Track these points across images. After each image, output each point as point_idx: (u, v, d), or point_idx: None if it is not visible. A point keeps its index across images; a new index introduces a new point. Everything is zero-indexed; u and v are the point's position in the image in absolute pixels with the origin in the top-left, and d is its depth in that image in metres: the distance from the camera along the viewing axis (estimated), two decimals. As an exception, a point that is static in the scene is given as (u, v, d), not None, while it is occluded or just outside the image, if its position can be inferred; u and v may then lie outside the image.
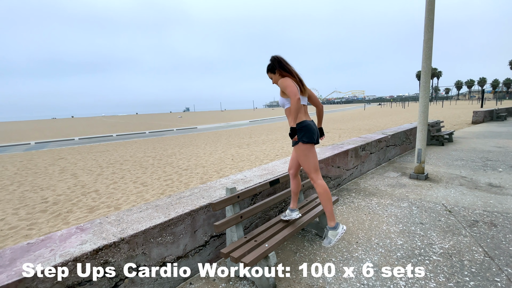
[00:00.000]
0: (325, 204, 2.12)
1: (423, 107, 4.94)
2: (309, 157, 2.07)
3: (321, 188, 2.10)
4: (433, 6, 4.61)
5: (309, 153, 2.07)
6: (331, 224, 2.17)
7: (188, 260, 2.32)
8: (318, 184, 2.10)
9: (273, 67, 2.15)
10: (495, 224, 3.06)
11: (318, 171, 2.13)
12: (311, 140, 2.05)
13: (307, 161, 2.08)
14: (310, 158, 2.08)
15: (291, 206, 2.55)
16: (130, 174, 8.24)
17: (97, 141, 20.29)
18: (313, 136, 2.06)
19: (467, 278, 2.18)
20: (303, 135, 2.06)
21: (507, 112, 17.58)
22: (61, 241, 1.88)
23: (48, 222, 4.78)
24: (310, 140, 2.04)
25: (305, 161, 2.09)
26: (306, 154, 2.06)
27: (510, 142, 8.30)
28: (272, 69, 2.16)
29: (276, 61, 2.14)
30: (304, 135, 2.05)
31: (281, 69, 2.13)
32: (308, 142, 2.05)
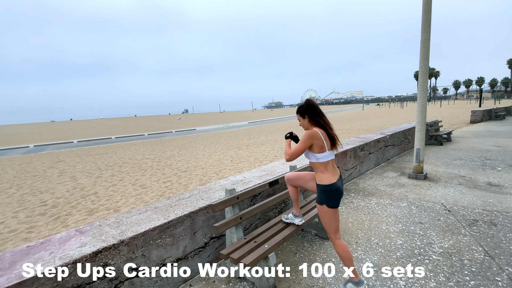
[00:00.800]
0: (345, 263, 2.01)
1: (421, 107, 4.96)
2: (331, 220, 1.99)
3: (340, 249, 2.00)
4: (430, 6, 4.64)
5: (333, 216, 1.98)
6: (354, 279, 2.03)
7: (188, 262, 2.31)
8: (337, 244, 2.01)
9: (304, 111, 2.04)
10: (495, 223, 3.07)
11: (338, 232, 2.03)
12: (336, 205, 1.96)
13: (330, 223, 1.99)
14: (333, 221, 1.99)
15: (295, 212, 2.53)
16: (129, 177, 8.23)
17: (96, 144, 20.25)
18: (339, 200, 1.97)
19: (467, 277, 2.18)
20: (329, 199, 1.95)
21: (505, 111, 17.65)
22: (61, 243, 1.87)
23: (47, 225, 4.77)
24: (335, 205, 1.96)
25: (327, 222, 2.00)
26: (329, 217, 1.98)
27: (508, 141, 8.32)
28: (303, 113, 2.05)
29: (311, 108, 2.02)
30: (330, 199, 1.95)
31: (311, 118, 2.01)
32: (333, 207, 1.96)
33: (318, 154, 1.95)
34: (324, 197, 1.95)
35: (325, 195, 1.94)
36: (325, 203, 1.95)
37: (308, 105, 2.03)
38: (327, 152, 1.95)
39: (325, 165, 1.96)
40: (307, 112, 2.02)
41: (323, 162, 1.96)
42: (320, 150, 1.94)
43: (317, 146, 1.93)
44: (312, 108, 2.01)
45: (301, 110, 2.05)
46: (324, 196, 1.95)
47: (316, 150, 1.95)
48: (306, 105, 2.03)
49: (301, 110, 2.05)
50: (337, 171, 2.06)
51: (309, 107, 2.02)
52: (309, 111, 2.01)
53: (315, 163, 1.99)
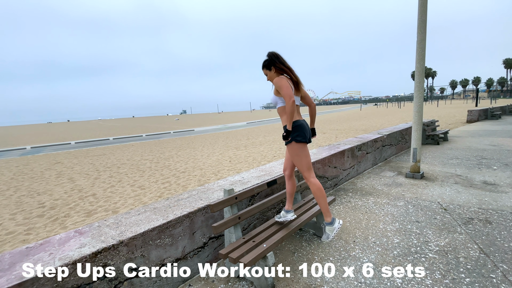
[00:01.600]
0: (319, 201, 2.15)
1: (417, 107, 5.01)
2: (301, 156, 2.10)
3: (314, 186, 2.13)
4: (425, 7, 4.69)
5: (302, 152, 2.10)
6: (327, 220, 2.22)
7: (187, 262, 2.33)
8: (311, 182, 2.14)
9: (269, 63, 2.12)
10: (490, 221, 3.11)
11: (311, 170, 2.15)
12: (303, 139, 2.07)
13: (300, 160, 2.11)
14: (303, 157, 2.10)
15: (286, 207, 2.55)
16: (127, 178, 8.22)
17: (94, 145, 20.18)
18: (305, 135, 2.08)
19: (462, 274, 2.22)
20: (296, 134, 2.07)
21: (501, 110, 17.80)
22: (60, 244, 1.88)
23: (45, 227, 4.76)
24: (302, 139, 2.06)
25: (298, 160, 2.11)
26: (298, 153, 2.09)
27: (504, 140, 8.41)
28: (268, 65, 2.13)
29: (274, 57, 2.11)
30: (296, 135, 2.07)
31: (278, 66, 2.11)
32: (301, 141, 2.07)
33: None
34: (291, 135, 2.05)
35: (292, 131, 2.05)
36: (293, 139, 2.05)
37: (271, 55, 2.12)
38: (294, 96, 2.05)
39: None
40: (272, 63, 2.11)
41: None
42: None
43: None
44: (275, 57, 2.11)
45: (266, 64, 2.14)
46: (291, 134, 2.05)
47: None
48: (269, 56, 2.13)
49: (267, 64, 2.14)
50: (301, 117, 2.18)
51: (273, 57, 2.11)
52: (274, 62, 2.10)
53: (282, 107, 2.10)
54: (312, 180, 2.12)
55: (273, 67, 2.12)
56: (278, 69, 2.12)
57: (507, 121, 14.58)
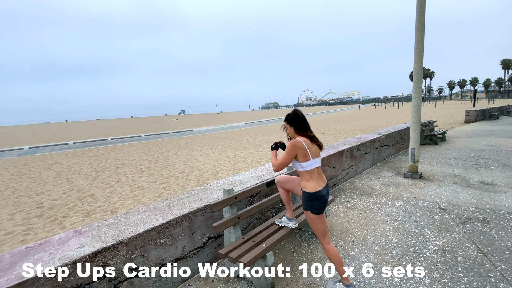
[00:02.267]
0: (336, 267, 2.04)
1: (415, 107, 5.03)
2: (318, 225, 2.03)
3: (329, 253, 2.03)
4: (423, 9, 4.72)
5: (319, 221, 2.02)
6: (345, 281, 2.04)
7: (186, 262, 2.33)
8: (326, 249, 2.04)
9: (291, 120, 2.10)
10: (487, 221, 3.13)
11: (327, 235, 2.06)
12: (320, 211, 2.00)
13: (316, 227, 2.04)
14: (319, 225, 2.03)
15: (288, 215, 2.54)
16: (126, 178, 8.20)
17: (92, 145, 20.12)
18: (324, 206, 2.01)
19: (460, 274, 2.23)
20: (313, 206, 1.99)
21: (499, 111, 17.91)
22: (60, 244, 1.88)
23: (44, 227, 4.74)
24: (319, 212, 2.00)
25: (314, 227, 2.05)
26: (315, 222, 2.02)
27: (502, 141, 8.46)
28: (290, 122, 2.12)
29: (294, 118, 2.09)
30: (313, 206, 1.99)
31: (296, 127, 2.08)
32: (318, 213, 2.00)
33: (303, 163, 1.99)
34: (308, 204, 2.00)
35: (308, 202, 1.99)
36: (309, 210, 2.00)
37: (295, 115, 2.10)
38: (311, 160, 2.00)
39: (310, 173, 2.01)
40: (293, 122, 2.09)
41: (308, 170, 2.00)
42: (304, 159, 1.98)
43: (301, 155, 1.98)
44: (299, 119, 2.08)
45: (288, 119, 2.12)
46: (308, 203, 2.00)
47: (301, 159, 1.99)
48: (293, 115, 2.10)
49: (289, 119, 2.12)
50: (323, 179, 2.09)
51: (296, 118, 2.09)
52: (296, 122, 2.08)
53: (300, 171, 2.04)
54: (326, 246, 2.04)
55: (294, 126, 2.09)
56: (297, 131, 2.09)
57: (504, 121, 14.66)
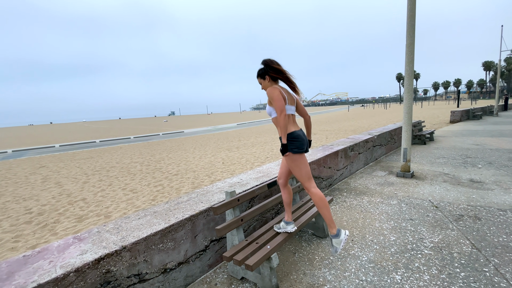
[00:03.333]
0: (323, 212, 2.06)
1: (407, 108, 5.17)
2: (300, 167, 2.03)
3: (316, 197, 2.05)
4: (414, 12, 4.86)
5: (301, 162, 2.03)
6: (332, 232, 2.12)
7: (189, 266, 2.31)
8: (313, 193, 2.06)
9: (264, 72, 2.06)
10: (479, 218, 3.25)
11: (311, 179, 2.09)
12: (301, 149, 2.01)
13: (299, 170, 2.04)
14: (302, 167, 2.04)
15: (286, 218, 2.45)
16: (118, 181, 8.02)
17: (80, 148, 19.57)
18: (303, 145, 2.02)
19: (457, 269, 2.31)
20: (293, 146, 2.01)
21: (482, 111, 18.63)
22: (60, 252, 1.83)
23: (34, 234, 4.57)
24: (300, 150, 2.01)
25: (297, 171, 2.05)
26: (297, 164, 2.02)
27: (486, 140, 8.80)
28: (262, 75, 2.06)
29: (267, 65, 2.05)
30: (294, 146, 2.01)
31: (271, 74, 2.04)
32: (299, 152, 2.01)
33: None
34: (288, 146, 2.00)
35: (287, 144, 2.00)
36: (290, 151, 2.00)
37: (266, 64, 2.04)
38: (287, 105, 2.02)
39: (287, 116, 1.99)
40: (266, 72, 2.04)
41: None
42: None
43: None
44: (269, 65, 2.03)
45: (260, 73, 2.08)
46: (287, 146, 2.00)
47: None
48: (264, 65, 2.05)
49: (261, 73, 2.07)
50: (298, 126, 2.11)
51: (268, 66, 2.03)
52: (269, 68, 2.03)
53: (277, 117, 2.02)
54: (313, 191, 2.06)
55: (267, 75, 2.05)
56: (272, 78, 2.05)
57: (487, 121, 15.26)
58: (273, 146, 13.15)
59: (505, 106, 23.08)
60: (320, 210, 2.05)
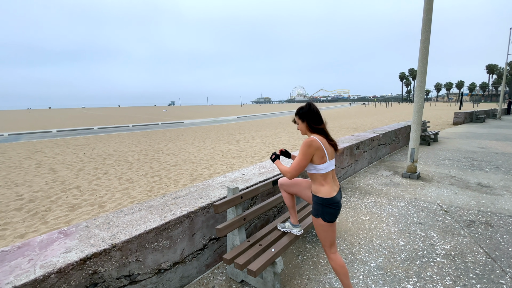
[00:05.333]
0: (341, 279, 1.85)
1: (417, 107, 4.97)
2: (327, 234, 1.82)
3: (335, 264, 1.84)
4: (431, 6, 4.60)
5: (329, 230, 1.81)
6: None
7: (185, 266, 2.14)
8: (332, 259, 1.85)
9: (304, 115, 1.84)
10: (491, 225, 3.09)
11: (334, 245, 1.86)
12: (333, 219, 1.80)
13: (325, 236, 1.82)
14: (328, 234, 1.82)
15: (293, 221, 2.31)
16: (114, 170, 7.82)
17: (77, 134, 19.28)
18: (337, 214, 1.80)
19: (473, 280, 2.15)
20: (326, 213, 1.78)
21: (485, 114, 18.45)
22: (42, 248, 1.64)
23: (23, 222, 4.39)
24: (332, 219, 1.79)
25: (322, 236, 1.84)
26: (325, 230, 1.80)
27: (491, 143, 8.64)
28: (302, 116, 1.85)
29: (311, 113, 1.83)
30: (327, 213, 1.77)
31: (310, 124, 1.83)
32: (330, 221, 1.79)
33: (319, 165, 1.75)
34: (320, 210, 1.78)
35: (322, 208, 1.77)
36: (321, 217, 1.78)
37: (309, 109, 1.83)
38: (327, 162, 1.76)
39: (325, 176, 1.77)
40: (307, 117, 1.82)
41: (323, 174, 1.76)
42: (320, 161, 1.74)
43: (318, 156, 1.73)
44: (314, 113, 1.81)
45: (301, 113, 1.86)
46: (320, 209, 1.78)
47: (317, 161, 1.75)
48: (307, 109, 1.84)
49: (301, 113, 1.85)
50: (337, 183, 1.88)
51: (311, 112, 1.82)
52: (310, 116, 1.82)
53: (314, 174, 1.80)
54: (332, 257, 1.84)
55: (306, 121, 1.84)
56: (310, 128, 1.84)
57: (491, 124, 15.08)
58: (274, 140, 12.95)
59: (508, 110, 22.89)
60: (338, 276, 1.85)
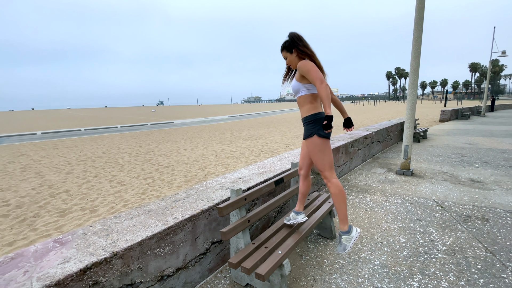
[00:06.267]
0: (339, 206, 1.89)
1: (411, 105, 5.04)
2: (325, 153, 1.83)
3: (336, 188, 1.87)
4: (423, 5, 4.67)
5: (326, 148, 1.84)
6: (343, 228, 1.96)
7: (188, 271, 2.06)
8: (333, 184, 1.88)
9: (291, 44, 1.87)
10: (487, 219, 3.16)
11: (333, 169, 1.89)
12: (328, 135, 1.82)
13: (323, 157, 1.85)
14: (326, 154, 1.84)
15: (297, 208, 2.33)
16: (104, 172, 7.59)
17: (63, 136, 18.65)
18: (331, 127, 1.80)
19: (475, 275, 2.18)
20: (320, 127, 1.82)
21: (470, 111, 19.06)
22: (37, 259, 1.54)
23: (11, 229, 4.17)
24: (327, 135, 1.82)
25: (320, 158, 1.85)
26: (322, 149, 1.83)
27: (478, 139, 8.91)
28: (289, 47, 1.88)
29: (296, 39, 1.86)
30: (320, 128, 1.81)
31: (301, 49, 1.86)
32: (325, 136, 1.81)
33: (310, 85, 1.87)
34: (312, 127, 1.83)
35: (314, 124, 1.83)
36: (315, 133, 1.82)
37: (293, 36, 1.87)
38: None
39: (315, 96, 1.88)
40: (294, 45, 1.87)
41: (313, 93, 1.88)
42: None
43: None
44: (298, 39, 1.86)
45: (287, 45, 1.90)
46: (312, 126, 1.83)
47: (308, 81, 1.86)
48: (291, 38, 1.87)
49: (287, 45, 1.90)
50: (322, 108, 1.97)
51: (295, 39, 1.86)
52: (296, 43, 1.86)
53: (304, 95, 1.88)
54: (333, 181, 1.87)
55: (295, 49, 1.86)
56: (300, 52, 1.86)
57: (476, 121, 15.60)
58: (267, 139, 12.94)
59: (492, 107, 23.78)
60: (336, 203, 1.90)
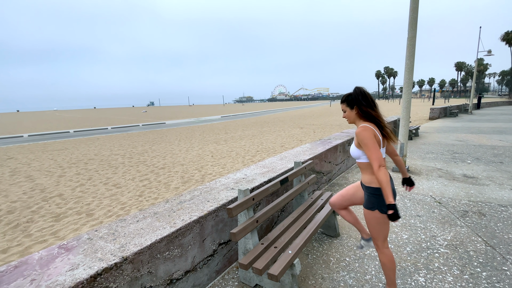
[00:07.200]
0: (387, 273, 1.79)
1: (406, 103, 5.13)
2: (382, 227, 1.73)
3: (386, 259, 1.77)
4: (417, 5, 4.76)
5: (384, 223, 1.71)
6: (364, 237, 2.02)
7: (196, 274, 2.04)
8: (384, 253, 1.78)
9: (353, 100, 1.72)
10: (483, 214, 3.25)
11: (387, 240, 1.80)
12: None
13: (380, 229, 1.73)
14: (383, 228, 1.73)
15: (365, 236, 2.21)
16: (98, 175, 7.42)
17: (52, 138, 18.16)
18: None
19: (478, 269, 2.24)
20: (383, 204, 1.63)
21: (458, 109, 19.59)
22: (43, 266, 1.48)
23: (4, 235, 4.02)
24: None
25: (377, 229, 1.73)
26: (380, 223, 1.70)
27: (468, 136, 9.16)
28: (351, 102, 1.73)
29: (361, 97, 1.70)
30: (384, 205, 1.62)
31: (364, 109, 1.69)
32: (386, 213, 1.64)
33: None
34: (376, 201, 1.67)
35: (377, 198, 1.66)
36: (377, 208, 1.67)
37: (358, 93, 1.71)
38: (382, 149, 1.68)
39: None
40: (356, 102, 1.70)
41: None
42: None
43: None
44: (363, 97, 1.70)
45: (349, 99, 1.74)
46: (376, 200, 1.67)
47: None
48: (355, 94, 1.71)
49: (349, 100, 1.74)
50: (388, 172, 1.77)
51: (360, 96, 1.70)
52: (359, 101, 1.70)
53: (366, 163, 1.71)
54: (385, 251, 1.78)
55: (356, 106, 1.72)
56: (361, 111, 1.71)
57: (464, 118, 16.04)
58: (262, 139, 12.94)
59: (478, 105, 24.51)
60: (386, 271, 1.79)
